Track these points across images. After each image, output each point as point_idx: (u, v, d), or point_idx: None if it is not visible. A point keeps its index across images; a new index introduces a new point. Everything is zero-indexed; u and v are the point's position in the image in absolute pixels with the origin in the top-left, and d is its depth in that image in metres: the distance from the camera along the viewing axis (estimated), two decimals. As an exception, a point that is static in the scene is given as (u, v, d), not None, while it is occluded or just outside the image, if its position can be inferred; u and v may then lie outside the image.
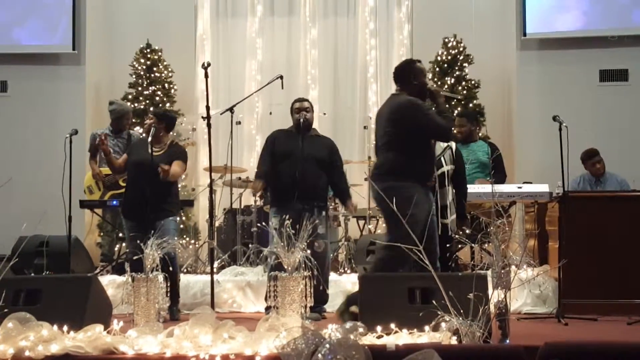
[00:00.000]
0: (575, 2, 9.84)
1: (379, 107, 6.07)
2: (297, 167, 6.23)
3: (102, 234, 8.93)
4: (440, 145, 6.17)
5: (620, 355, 3.56)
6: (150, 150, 6.23)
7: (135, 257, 5.32)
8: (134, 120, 9.59)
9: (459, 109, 9.54)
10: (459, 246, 6.18)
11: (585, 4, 9.81)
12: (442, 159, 6.10)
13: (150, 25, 10.47)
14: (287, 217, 5.31)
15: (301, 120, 6.44)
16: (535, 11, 9.81)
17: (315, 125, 6.90)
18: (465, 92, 9.74)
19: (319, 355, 3.42)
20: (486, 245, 5.89)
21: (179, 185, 7.04)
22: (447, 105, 5.82)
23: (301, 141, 6.35)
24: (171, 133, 6.80)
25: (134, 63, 10.18)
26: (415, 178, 5.42)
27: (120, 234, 8.18)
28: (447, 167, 6.06)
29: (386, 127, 5.49)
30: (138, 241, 5.26)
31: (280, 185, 6.42)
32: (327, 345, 3.37)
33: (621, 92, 9.63)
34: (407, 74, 5.66)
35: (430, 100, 5.67)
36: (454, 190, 6.16)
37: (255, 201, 8.42)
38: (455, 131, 8.27)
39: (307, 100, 6.81)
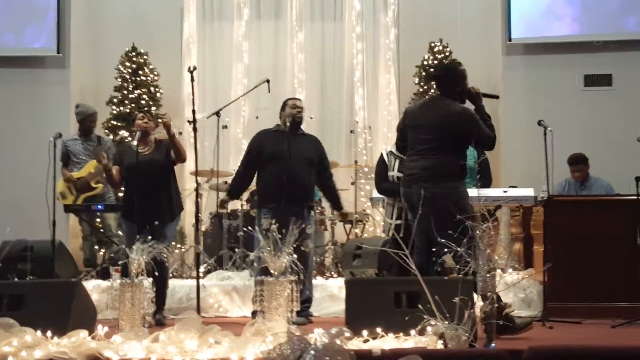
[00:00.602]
0: (560, 7, 9.89)
1: (365, 111, 6.06)
2: (285, 166, 6.23)
3: (83, 238, 8.90)
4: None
5: (604, 359, 3.57)
6: (136, 153, 6.22)
7: (120, 262, 5.29)
8: (119, 124, 9.59)
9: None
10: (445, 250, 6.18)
11: (570, 9, 9.86)
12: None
13: (136, 28, 10.43)
14: (274, 221, 5.31)
15: (297, 117, 6.44)
16: (521, 16, 9.85)
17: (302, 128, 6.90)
18: (451, 96, 9.75)
19: (304, 361, 3.42)
20: (472, 249, 5.89)
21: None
22: None
23: (288, 141, 6.33)
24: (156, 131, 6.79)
25: (120, 66, 10.14)
26: (463, 179, 5.53)
27: (104, 238, 8.16)
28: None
29: (438, 132, 5.47)
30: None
31: (269, 185, 6.40)
32: (312, 352, 3.37)
33: (606, 97, 9.69)
34: (451, 79, 5.69)
35: (470, 103, 5.66)
36: None
37: (241, 205, 8.41)
38: None
39: (299, 99, 6.84)
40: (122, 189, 6.70)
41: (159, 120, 9.55)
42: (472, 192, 6.95)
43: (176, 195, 6.58)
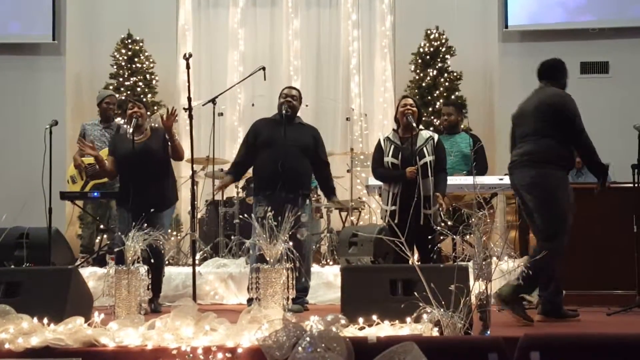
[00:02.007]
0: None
1: (361, 99, 6.05)
2: (281, 155, 6.23)
3: (82, 225, 8.89)
4: (423, 136, 6.19)
5: (600, 347, 3.58)
6: (132, 141, 6.21)
7: (116, 250, 5.29)
8: (116, 111, 9.57)
9: (441, 100, 9.57)
10: (441, 238, 6.20)
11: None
12: (424, 149, 6.12)
13: (131, 15, 10.40)
14: (270, 208, 5.31)
15: (284, 106, 6.44)
16: (517, 3, 9.85)
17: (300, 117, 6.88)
18: (447, 83, 9.76)
19: (299, 348, 3.42)
20: (468, 236, 5.91)
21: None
22: None
23: (284, 129, 6.34)
24: (151, 118, 6.79)
25: (115, 54, 10.11)
26: (564, 165, 5.51)
27: (102, 226, 8.14)
28: (429, 158, 6.08)
29: (537, 116, 5.55)
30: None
31: (264, 173, 6.41)
32: (308, 338, 3.38)
33: (602, 84, 9.69)
34: (559, 72, 5.84)
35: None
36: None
37: (237, 193, 8.41)
38: (442, 119, 8.30)
39: (296, 89, 6.81)
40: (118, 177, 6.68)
41: (156, 109, 9.59)
42: (468, 179, 6.98)
43: (172, 184, 6.58)
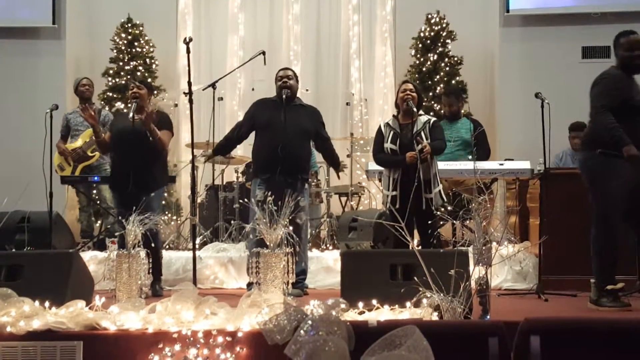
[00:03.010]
0: (558, -22, 9.85)
1: (361, 84, 6.07)
2: (281, 138, 6.21)
3: (80, 209, 8.91)
4: (421, 121, 6.18)
5: (600, 331, 3.60)
6: (133, 119, 6.20)
7: (116, 234, 5.30)
8: (114, 95, 9.56)
9: (441, 85, 9.56)
10: (441, 222, 6.21)
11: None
12: (422, 133, 6.11)
13: (131, -1, 10.37)
14: (270, 193, 5.31)
15: (284, 90, 6.42)
16: (518, -13, 9.81)
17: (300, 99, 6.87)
18: (447, 68, 9.74)
19: (301, 331, 3.44)
20: (468, 221, 5.92)
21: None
22: None
23: (284, 111, 6.32)
24: (151, 102, 6.79)
25: (115, 38, 10.08)
26: (602, 148, 5.30)
27: (101, 210, 8.16)
28: (426, 142, 6.06)
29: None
30: (120, 217, 5.23)
31: (264, 157, 6.39)
32: (310, 322, 3.39)
33: (603, 69, 9.59)
34: (615, 47, 5.67)
35: None
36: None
37: (237, 177, 8.41)
38: (443, 110, 8.29)
39: (290, 69, 6.78)
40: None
41: (156, 93, 9.57)
42: (468, 164, 6.98)
43: (163, 168, 6.60)
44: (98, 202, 8.17)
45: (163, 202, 8.75)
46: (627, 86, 5.44)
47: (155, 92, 9.74)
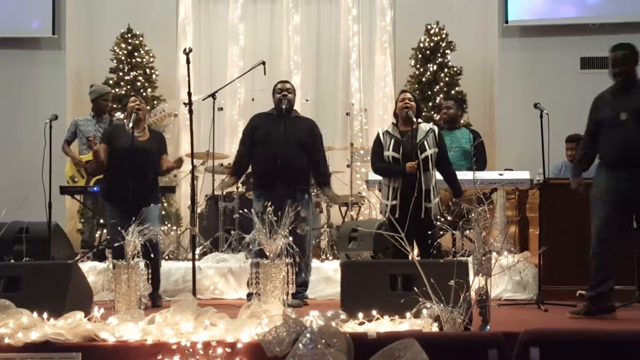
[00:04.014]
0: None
1: (361, 94, 6.11)
2: (280, 150, 6.22)
3: (82, 220, 8.89)
4: (423, 129, 6.17)
5: (599, 342, 3.59)
6: (131, 135, 6.23)
7: (116, 244, 5.30)
8: (115, 105, 9.56)
9: (441, 95, 9.57)
10: (441, 233, 6.20)
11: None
12: (425, 142, 6.10)
13: (131, 9, 10.38)
14: (270, 203, 5.31)
15: (283, 101, 6.43)
16: (517, -2, 9.83)
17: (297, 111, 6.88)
18: (447, 79, 9.75)
19: (300, 344, 3.43)
20: (468, 232, 5.91)
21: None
22: None
23: (283, 124, 6.33)
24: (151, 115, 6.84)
25: (115, 48, 10.10)
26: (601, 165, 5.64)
27: (102, 220, 8.15)
28: (430, 151, 6.06)
29: None
30: (119, 228, 5.23)
31: (263, 168, 6.41)
32: (308, 335, 3.38)
33: (602, 79, 9.54)
34: None
35: None
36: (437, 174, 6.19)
37: (237, 188, 8.41)
38: (441, 114, 8.29)
39: (289, 82, 6.80)
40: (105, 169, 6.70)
41: (156, 103, 9.57)
42: (468, 174, 6.98)
43: (157, 183, 6.67)
44: (98, 213, 8.14)
45: (163, 213, 8.77)
46: (602, 105, 5.66)
47: (155, 102, 9.77)
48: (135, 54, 10.07)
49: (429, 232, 5.82)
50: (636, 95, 5.50)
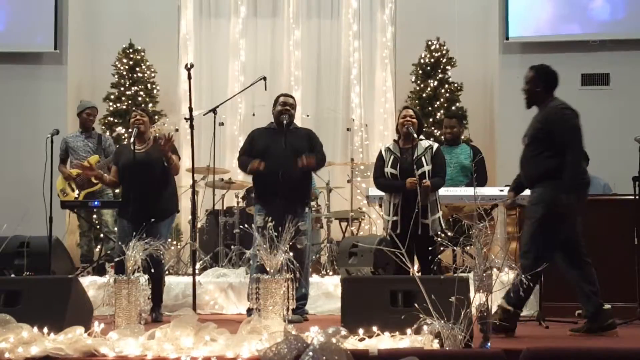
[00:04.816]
0: (557, 6, 9.91)
1: (361, 109, 6.11)
2: (280, 163, 6.22)
3: (81, 234, 8.89)
4: (422, 146, 6.19)
5: None
6: (133, 151, 6.23)
7: (117, 259, 5.29)
8: (115, 120, 9.58)
9: (441, 111, 9.59)
10: (442, 249, 6.20)
11: (568, 8, 9.87)
12: (423, 158, 6.12)
13: (133, 25, 10.42)
14: (270, 219, 5.30)
15: (283, 116, 6.42)
16: (518, 15, 9.86)
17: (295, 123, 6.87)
18: (448, 94, 9.78)
19: (302, 362, 3.41)
20: (468, 248, 5.90)
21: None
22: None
23: (284, 136, 6.33)
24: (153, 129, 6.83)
25: (117, 63, 10.13)
26: None
27: (101, 235, 8.15)
28: (427, 167, 6.08)
29: None
30: (120, 243, 5.22)
31: (264, 182, 6.41)
32: (311, 353, 3.37)
33: (602, 96, 9.70)
34: None
35: None
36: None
37: (237, 202, 8.41)
38: (444, 132, 8.30)
39: (291, 96, 6.80)
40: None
41: (157, 118, 9.59)
42: (468, 190, 6.99)
43: (172, 193, 6.59)
44: (98, 226, 8.15)
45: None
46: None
47: (156, 117, 9.79)
48: (137, 69, 10.11)
49: (429, 248, 5.82)
50: (535, 119, 5.56)
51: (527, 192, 5.69)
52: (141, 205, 6.16)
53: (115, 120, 9.73)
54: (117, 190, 7.70)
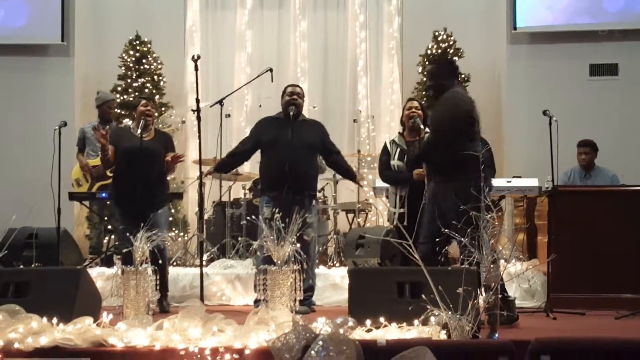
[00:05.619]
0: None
1: (368, 100, 6.11)
2: (288, 155, 6.21)
3: (90, 226, 8.91)
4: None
5: (609, 351, 3.57)
6: (140, 138, 6.23)
7: (124, 250, 5.30)
8: (122, 112, 9.59)
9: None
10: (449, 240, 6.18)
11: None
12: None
13: (139, 16, 10.41)
14: (277, 210, 5.30)
15: (291, 107, 6.42)
16: (526, 5, 9.82)
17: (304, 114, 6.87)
18: (455, 86, 9.74)
19: (312, 352, 3.42)
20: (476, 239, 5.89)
21: (168, 177, 7.03)
22: None
23: (291, 128, 6.32)
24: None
25: (123, 55, 10.12)
26: None
27: (109, 226, 8.16)
28: None
29: None
30: (128, 234, 5.23)
31: (271, 174, 6.40)
32: (320, 342, 3.37)
33: (611, 86, 9.66)
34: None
35: None
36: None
37: (244, 194, 8.41)
38: None
39: (299, 86, 6.79)
40: (113, 174, 6.71)
41: (163, 110, 9.60)
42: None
43: (167, 185, 6.69)
44: (106, 218, 8.16)
45: (171, 219, 8.78)
46: None
47: (162, 109, 9.80)
48: (143, 60, 10.10)
49: (437, 240, 5.81)
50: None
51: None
52: (140, 194, 6.15)
53: (123, 112, 9.73)
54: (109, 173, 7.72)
